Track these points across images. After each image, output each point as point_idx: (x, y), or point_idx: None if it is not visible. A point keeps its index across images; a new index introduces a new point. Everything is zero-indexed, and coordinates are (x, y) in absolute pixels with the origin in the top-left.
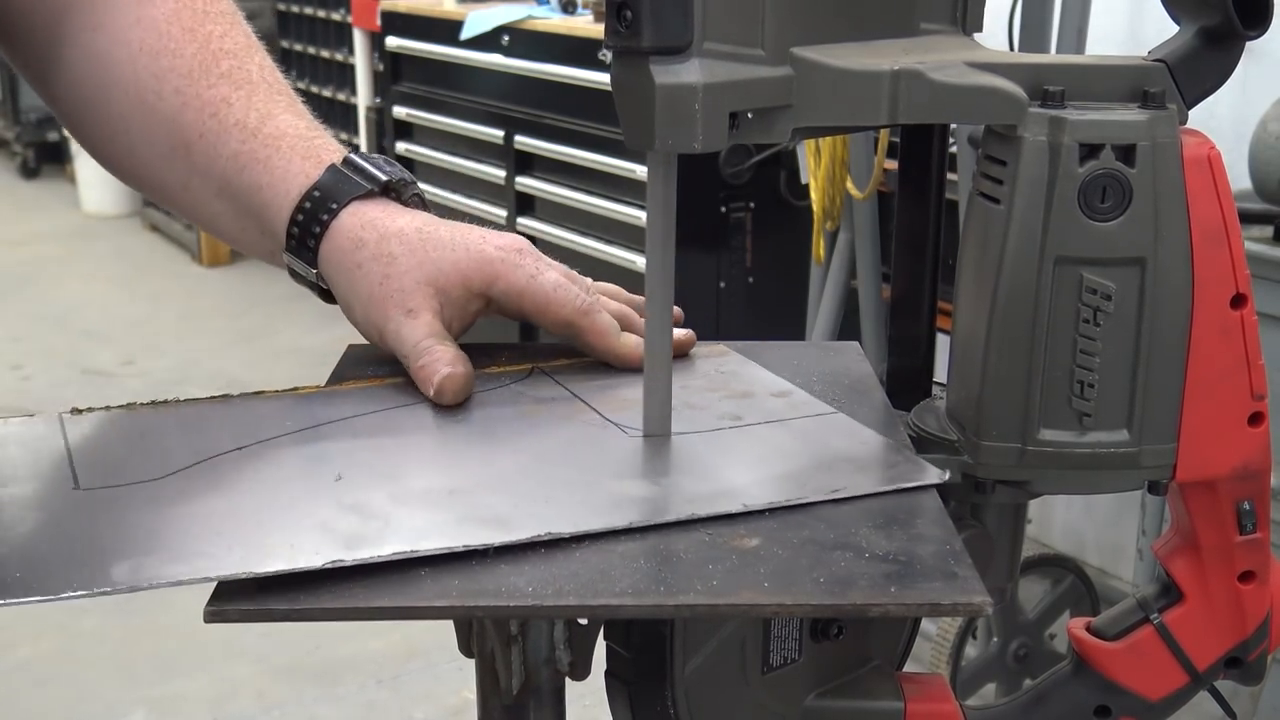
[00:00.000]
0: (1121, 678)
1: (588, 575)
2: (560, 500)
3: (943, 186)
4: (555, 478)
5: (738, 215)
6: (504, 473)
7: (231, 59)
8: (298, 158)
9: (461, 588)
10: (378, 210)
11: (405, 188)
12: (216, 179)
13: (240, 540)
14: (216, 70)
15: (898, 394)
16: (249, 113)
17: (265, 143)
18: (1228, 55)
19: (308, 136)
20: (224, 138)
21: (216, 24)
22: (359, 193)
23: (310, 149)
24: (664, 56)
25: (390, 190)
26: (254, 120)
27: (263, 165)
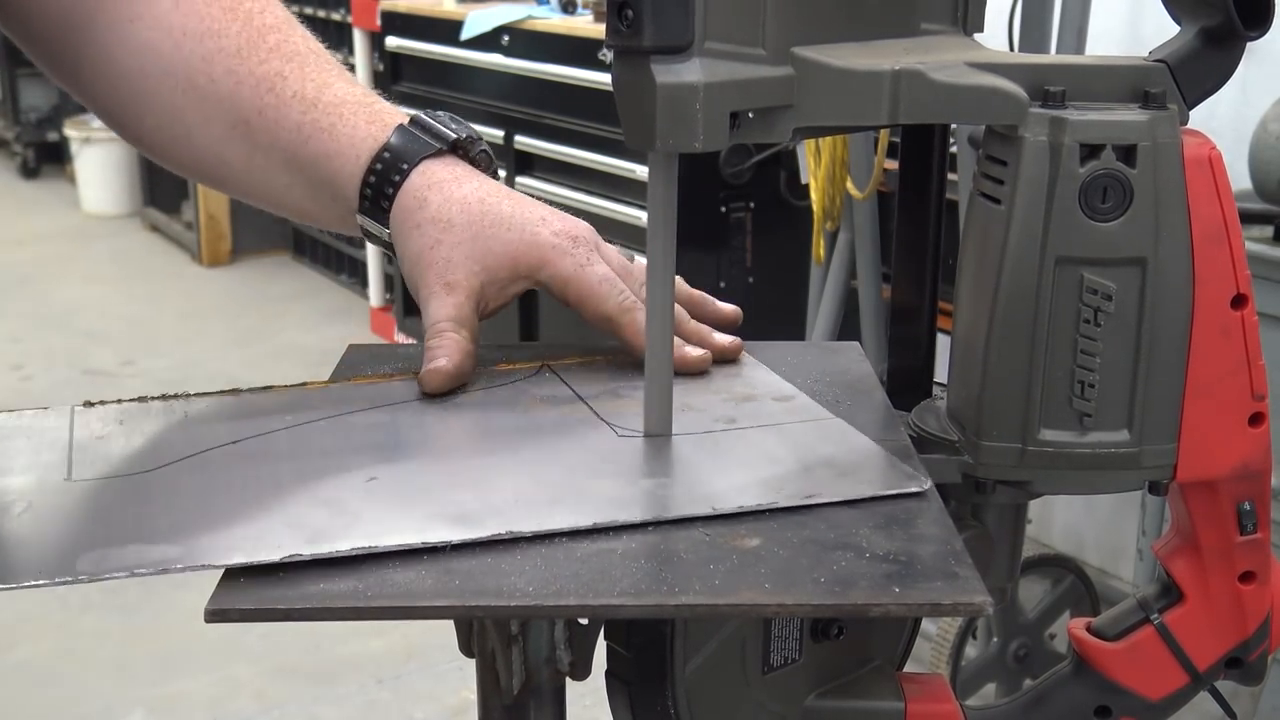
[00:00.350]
0: (1122, 678)
1: (588, 575)
2: (529, 499)
3: (943, 186)
4: (533, 475)
5: (738, 215)
6: (482, 469)
7: (276, 33)
8: (362, 122)
9: (461, 588)
10: (446, 171)
11: (473, 145)
12: (281, 152)
13: (207, 532)
14: (264, 45)
15: (898, 394)
16: (305, 84)
17: (327, 111)
18: (1228, 55)
19: (366, 102)
20: (284, 111)
21: (254, 1)
22: (429, 152)
23: (373, 113)
24: (665, 56)
25: (459, 148)
26: (311, 90)
27: (328, 134)
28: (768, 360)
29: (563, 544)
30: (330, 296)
